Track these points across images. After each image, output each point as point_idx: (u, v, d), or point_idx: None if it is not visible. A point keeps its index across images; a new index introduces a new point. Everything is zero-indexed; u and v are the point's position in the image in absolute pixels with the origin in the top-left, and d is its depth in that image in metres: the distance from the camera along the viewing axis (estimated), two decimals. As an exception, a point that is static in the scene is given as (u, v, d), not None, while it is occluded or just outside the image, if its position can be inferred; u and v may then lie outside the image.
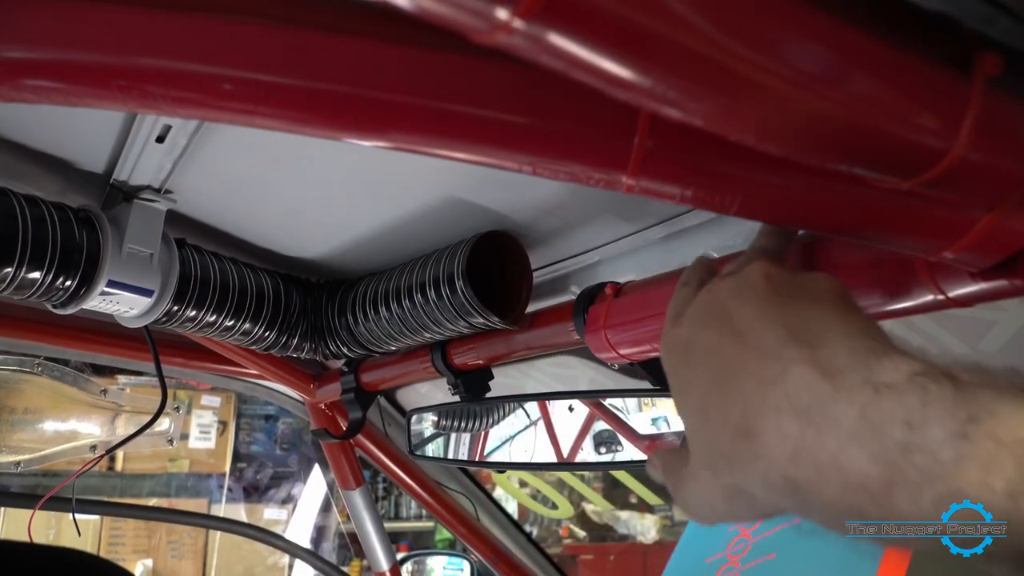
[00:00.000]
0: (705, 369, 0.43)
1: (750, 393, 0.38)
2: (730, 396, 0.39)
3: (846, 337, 0.37)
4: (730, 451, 0.39)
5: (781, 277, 0.44)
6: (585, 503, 4.81)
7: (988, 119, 0.37)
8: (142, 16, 0.44)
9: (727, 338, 0.42)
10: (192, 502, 4.20)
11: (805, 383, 0.36)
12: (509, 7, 0.28)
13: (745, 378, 0.39)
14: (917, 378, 0.33)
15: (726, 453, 0.39)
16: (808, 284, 0.43)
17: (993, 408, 0.30)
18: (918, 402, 0.32)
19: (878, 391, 0.33)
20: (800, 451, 0.35)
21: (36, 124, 0.87)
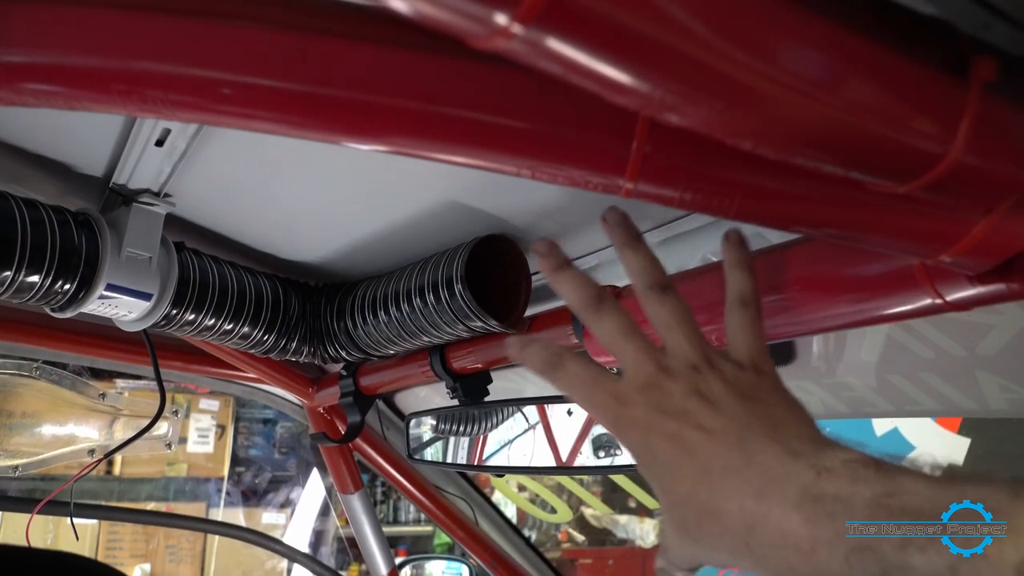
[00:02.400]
0: (669, 454, 0.49)
1: (716, 478, 0.47)
2: (694, 479, 0.48)
3: (799, 429, 0.48)
4: (697, 527, 0.48)
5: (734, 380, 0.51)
6: (584, 507, 4.81)
7: (984, 123, 0.37)
8: (141, 20, 0.45)
9: (690, 431, 0.49)
10: (190, 506, 4.19)
11: (766, 468, 0.45)
12: (508, 12, 0.28)
13: (710, 465, 0.47)
14: (851, 463, 0.43)
15: (693, 528, 0.48)
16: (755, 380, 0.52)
17: (906, 486, 0.40)
18: (847, 481, 0.42)
19: (819, 473, 0.43)
20: (755, 523, 0.44)
21: (36, 127, 0.87)
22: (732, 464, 0.46)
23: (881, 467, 0.42)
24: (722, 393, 0.50)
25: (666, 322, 0.54)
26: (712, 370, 0.51)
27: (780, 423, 0.48)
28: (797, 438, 0.47)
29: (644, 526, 4.86)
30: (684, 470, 0.48)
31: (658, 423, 0.50)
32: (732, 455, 0.47)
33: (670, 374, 0.51)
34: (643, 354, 0.53)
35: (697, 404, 0.49)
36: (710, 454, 0.47)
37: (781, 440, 0.46)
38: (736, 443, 0.47)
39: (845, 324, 0.64)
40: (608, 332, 0.55)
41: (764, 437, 0.47)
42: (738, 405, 0.49)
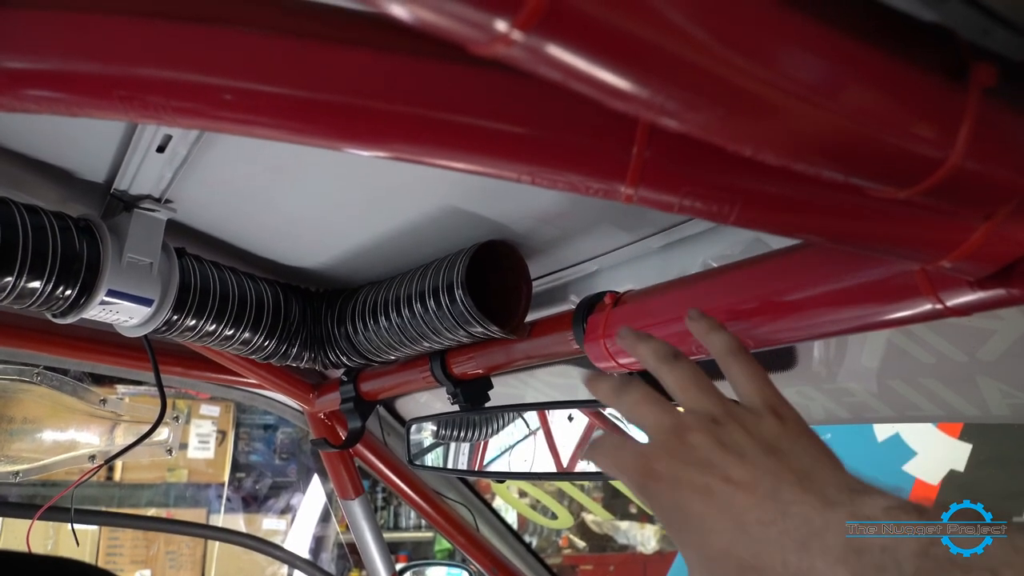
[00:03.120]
0: (698, 508, 0.48)
1: (753, 532, 0.45)
2: (730, 534, 0.46)
3: (832, 475, 0.46)
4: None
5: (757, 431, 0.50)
6: (585, 513, 4.80)
7: (984, 129, 0.37)
8: (143, 26, 0.45)
9: (718, 483, 0.48)
10: (191, 512, 4.18)
11: (803, 519, 0.44)
12: (508, 19, 0.28)
13: (745, 519, 0.46)
14: (892, 511, 0.42)
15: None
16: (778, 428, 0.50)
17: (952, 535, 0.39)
18: (893, 529, 0.41)
19: (862, 523, 0.42)
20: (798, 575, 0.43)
21: (37, 134, 0.88)
22: (767, 517, 0.45)
23: (924, 514, 0.41)
24: (746, 443, 0.49)
25: (681, 385, 0.55)
26: (732, 421, 0.51)
27: (811, 471, 0.47)
28: (832, 486, 0.45)
29: (645, 532, 4.85)
30: (717, 524, 0.47)
31: (684, 476, 0.49)
32: (766, 508, 0.45)
33: (691, 429, 0.51)
34: (665, 416, 0.53)
35: (722, 455, 0.49)
36: (743, 507, 0.46)
37: (815, 489, 0.45)
38: (769, 495, 0.46)
39: (846, 329, 0.64)
40: (630, 403, 0.56)
41: (796, 487, 0.46)
42: (763, 455, 0.48)
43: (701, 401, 0.53)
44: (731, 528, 0.46)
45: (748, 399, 0.53)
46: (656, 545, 4.80)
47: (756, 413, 0.52)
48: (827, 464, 0.48)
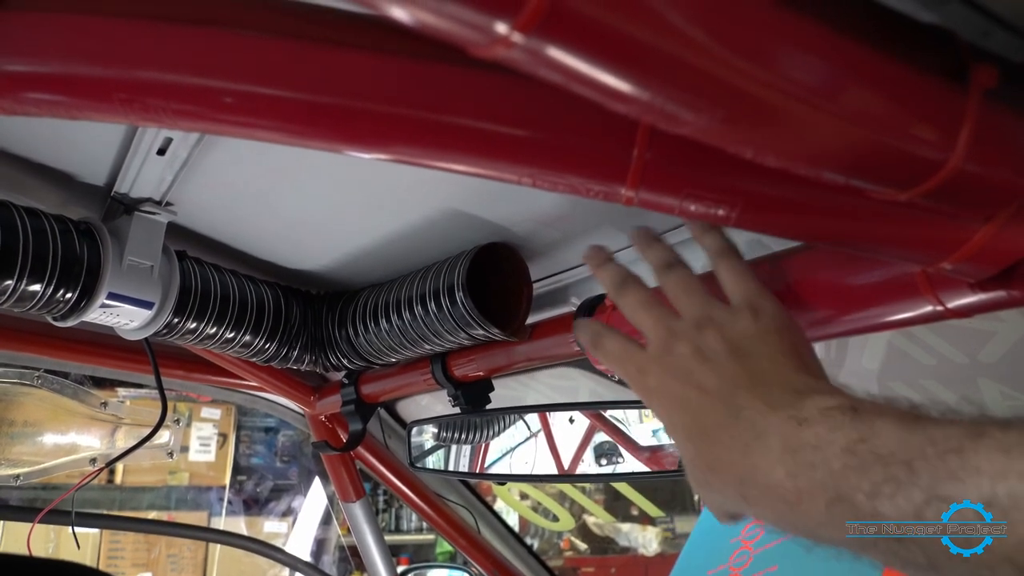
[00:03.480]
0: (678, 417, 0.54)
1: (711, 436, 0.50)
2: (698, 438, 0.51)
3: (785, 377, 0.50)
4: (706, 482, 0.51)
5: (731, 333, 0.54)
6: (586, 515, 4.79)
7: (985, 131, 0.37)
8: (143, 29, 0.45)
9: (691, 392, 0.53)
10: (192, 515, 4.18)
11: (750, 423, 0.47)
12: (508, 21, 0.28)
13: (706, 424, 0.51)
14: (828, 411, 0.44)
15: (703, 483, 0.52)
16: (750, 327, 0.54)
17: (877, 430, 0.41)
18: (825, 430, 0.43)
19: (799, 424, 0.45)
20: (745, 475, 0.47)
21: (38, 137, 0.88)
22: (722, 421, 0.50)
23: (859, 411, 0.43)
24: (719, 349, 0.53)
25: (674, 291, 0.59)
26: (712, 325, 0.55)
27: (766, 375, 0.50)
28: (780, 388, 0.49)
29: (647, 534, 4.85)
30: (691, 430, 0.52)
31: (668, 388, 0.55)
32: (723, 413, 0.50)
33: (678, 337, 0.55)
34: (658, 322, 0.57)
35: (698, 364, 0.53)
36: (707, 412, 0.51)
37: (763, 394, 0.49)
38: (726, 400, 0.50)
39: (846, 331, 0.64)
40: (631, 306, 0.60)
41: (749, 392, 0.49)
42: (730, 361, 0.52)
43: (689, 306, 0.57)
44: (699, 433, 0.51)
45: (732, 296, 0.57)
46: (657, 547, 4.80)
47: (735, 311, 0.55)
48: (785, 364, 0.51)
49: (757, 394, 0.49)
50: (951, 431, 0.39)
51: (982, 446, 0.37)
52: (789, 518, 0.45)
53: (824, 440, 0.43)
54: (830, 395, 0.46)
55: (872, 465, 0.40)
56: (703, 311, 0.56)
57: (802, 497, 0.43)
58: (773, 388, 0.49)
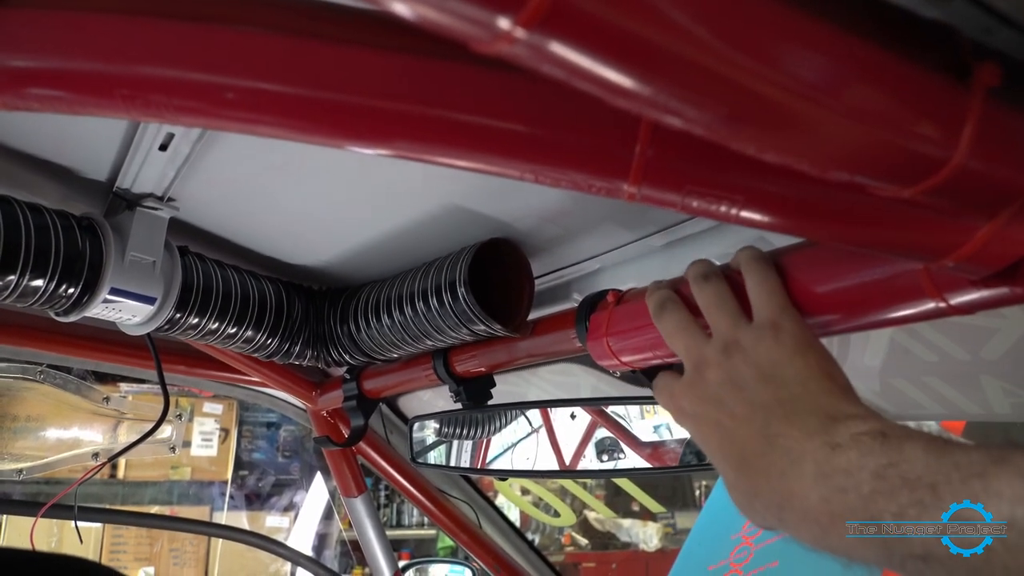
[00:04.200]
0: (715, 442, 0.56)
1: (750, 463, 0.52)
2: (737, 464, 0.54)
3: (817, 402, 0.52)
4: (748, 505, 0.54)
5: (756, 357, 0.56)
6: (587, 511, 4.80)
7: (988, 128, 0.37)
8: (145, 25, 0.45)
9: (725, 419, 0.55)
10: (194, 509, 4.19)
11: (785, 451, 0.50)
12: (511, 17, 0.28)
13: (744, 452, 0.53)
14: (859, 437, 0.46)
15: (746, 506, 0.54)
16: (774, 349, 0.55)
17: (906, 455, 0.43)
18: (856, 455, 0.45)
19: (832, 449, 0.47)
20: (782, 501, 0.49)
21: (40, 132, 0.88)
22: (758, 449, 0.52)
23: (888, 437, 0.45)
24: (747, 375, 0.55)
25: (706, 306, 0.61)
26: (739, 350, 0.56)
27: (797, 401, 0.52)
28: (812, 414, 0.51)
29: (647, 530, 4.86)
30: (728, 455, 0.55)
31: (702, 412, 0.58)
32: (759, 441, 0.52)
33: (708, 364, 0.58)
34: (691, 348, 0.60)
35: (729, 392, 0.56)
36: (742, 440, 0.53)
37: (798, 421, 0.51)
38: (760, 429, 0.52)
39: (849, 328, 0.64)
40: (668, 330, 0.63)
41: (782, 420, 0.51)
42: (760, 387, 0.54)
43: (719, 324, 0.59)
44: (738, 459, 0.54)
45: (757, 312, 0.59)
46: (658, 543, 4.81)
47: (758, 334, 0.57)
48: (816, 388, 0.53)
49: (791, 421, 0.51)
50: (975, 456, 0.40)
51: (1004, 472, 0.38)
52: (824, 540, 0.47)
53: (855, 465, 0.45)
54: (862, 420, 0.48)
55: (900, 489, 0.42)
56: (730, 333, 0.58)
57: (835, 521, 0.45)
58: (806, 414, 0.51)
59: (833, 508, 0.45)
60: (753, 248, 0.62)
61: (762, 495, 0.51)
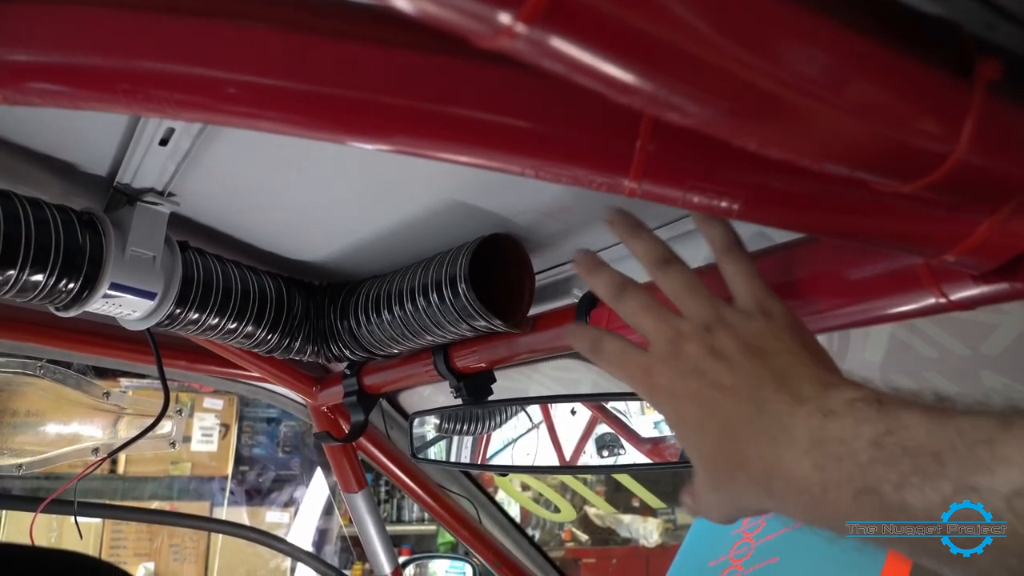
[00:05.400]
0: (694, 414, 0.53)
1: (736, 431, 0.50)
2: (718, 434, 0.51)
3: (808, 371, 0.49)
4: (728, 478, 0.51)
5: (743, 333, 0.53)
6: (587, 506, 4.81)
7: (989, 123, 0.37)
8: (146, 20, 0.45)
9: (708, 390, 0.52)
10: (194, 505, 4.19)
11: (775, 416, 0.47)
12: (512, 11, 0.28)
13: (730, 420, 0.50)
14: (854, 403, 0.44)
15: (724, 479, 0.51)
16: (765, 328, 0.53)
17: (904, 421, 0.41)
18: (852, 422, 0.43)
19: (825, 416, 0.45)
20: (771, 468, 0.47)
21: (40, 127, 0.88)
22: (745, 416, 0.49)
23: (884, 404, 0.43)
24: (733, 349, 0.52)
25: (675, 291, 0.58)
26: (723, 326, 0.54)
27: (788, 369, 0.50)
28: (806, 381, 0.49)
29: (648, 525, 4.86)
30: (709, 426, 0.51)
31: (680, 386, 0.54)
32: (747, 408, 0.49)
33: (686, 338, 0.54)
34: (662, 323, 0.57)
35: (712, 363, 0.52)
36: (729, 409, 0.50)
37: (789, 387, 0.49)
38: (749, 396, 0.50)
39: (849, 323, 0.64)
40: (631, 311, 0.59)
41: (773, 386, 0.49)
42: (748, 359, 0.52)
43: (694, 307, 0.56)
44: (719, 429, 0.51)
45: (740, 298, 0.57)
46: (658, 539, 4.81)
47: (746, 313, 0.55)
48: (807, 360, 0.51)
49: (781, 387, 0.49)
50: (980, 422, 0.39)
51: (1012, 436, 0.37)
52: (815, 511, 0.45)
53: (851, 432, 0.43)
54: (854, 388, 0.46)
55: (900, 457, 0.40)
56: (711, 312, 0.55)
57: (828, 489, 0.43)
58: (797, 381, 0.49)
59: (827, 476, 0.43)
60: (723, 228, 0.60)
61: (748, 465, 0.48)
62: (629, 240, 0.63)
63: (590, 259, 0.65)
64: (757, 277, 0.57)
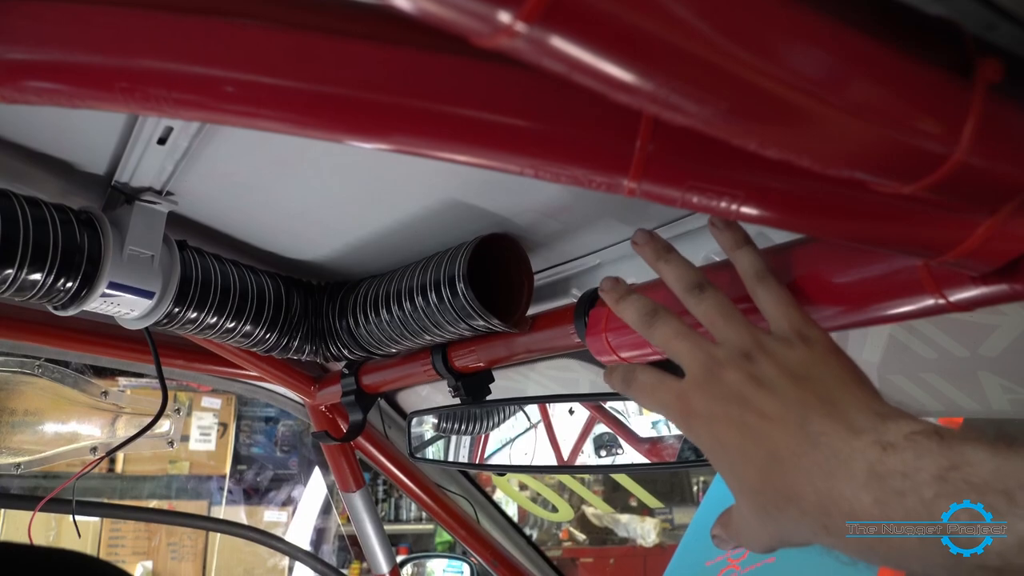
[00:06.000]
0: (736, 441, 0.50)
1: (787, 463, 0.47)
2: (765, 466, 0.48)
3: (859, 400, 0.48)
4: (778, 511, 0.48)
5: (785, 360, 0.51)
6: (585, 506, 4.81)
7: (989, 124, 0.37)
8: (144, 18, 0.45)
9: (751, 417, 0.50)
10: (192, 504, 4.19)
11: (830, 448, 0.45)
12: (511, 10, 0.28)
13: (778, 452, 0.48)
14: (914, 436, 0.42)
15: (774, 512, 0.48)
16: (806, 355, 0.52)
17: (969, 457, 0.39)
18: (912, 456, 0.41)
19: (884, 449, 0.43)
20: (829, 505, 0.44)
21: (38, 126, 0.88)
22: (796, 448, 0.47)
23: (944, 438, 0.41)
24: (775, 376, 0.50)
25: (710, 318, 0.56)
26: (763, 354, 0.52)
27: (838, 399, 0.48)
28: (858, 412, 0.47)
29: (645, 525, 4.87)
30: (753, 456, 0.49)
31: (719, 411, 0.51)
32: (797, 439, 0.47)
33: (724, 365, 0.52)
34: (697, 350, 0.55)
35: (754, 390, 0.50)
36: (776, 440, 0.48)
37: (842, 418, 0.46)
38: (798, 427, 0.47)
39: (848, 324, 0.64)
40: (664, 337, 0.57)
41: (824, 417, 0.47)
42: (792, 386, 0.50)
43: (731, 335, 0.54)
44: (766, 460, 0.48)
45: (776, 325, 0.55)
46: (656, 538, 4.81)
47: (785, 340, 0.53)
48: (854, 387, 0.49)
49: (832, 416, 0.47)
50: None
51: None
52: (877, 547, 0.42)
53: (912, 467, 0.41)
54: (911, 420, 0.45)
55: (966, 494, 0.38)
56: (749, 339, 0.53)
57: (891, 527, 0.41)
58: (848, 410, 0.47)
59: (889, 512, 0.41)
60: (753, 255, 0.59)
61: (801, 499, 0.46)
62: (658, 265, 0.62)
63: (618, 287, 0.64)
64: (793, 303, 0.56)
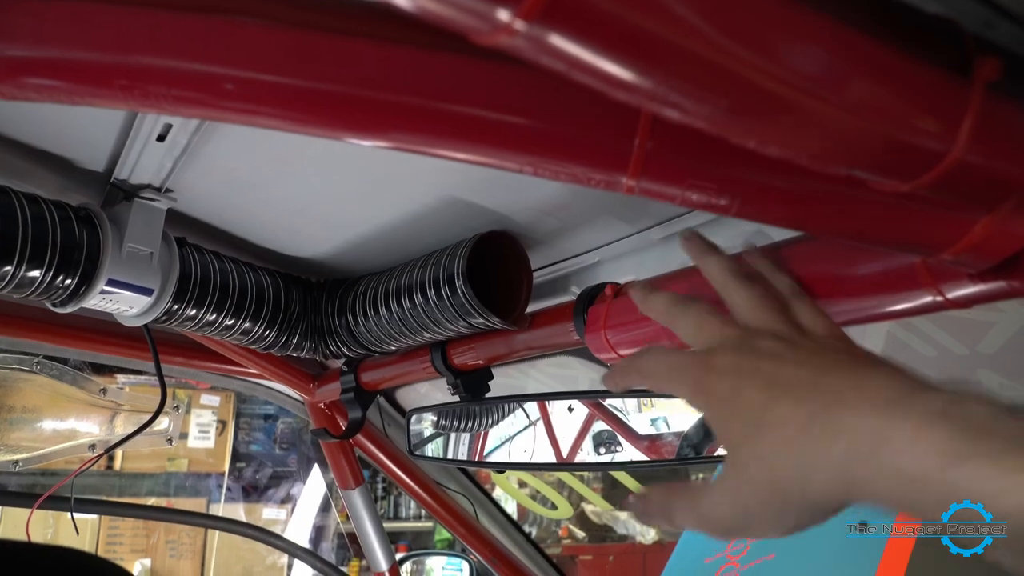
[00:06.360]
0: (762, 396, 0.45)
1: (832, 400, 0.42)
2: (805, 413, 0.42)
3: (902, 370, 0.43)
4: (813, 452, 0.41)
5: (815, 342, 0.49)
6: (584, 503, 4.81)
7: (987, 122, 0.37)
8: (144, 16, 0.45)
9: (787, 368, 0.45)
10: (191, 501, 4.19)
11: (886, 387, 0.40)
12: (511, 9, 0.28)
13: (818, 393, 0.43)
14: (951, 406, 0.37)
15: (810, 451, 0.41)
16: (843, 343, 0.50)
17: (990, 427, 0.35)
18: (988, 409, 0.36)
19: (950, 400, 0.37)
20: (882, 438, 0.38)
21: (37, 122, 0.87)
22: (846, 386, 0.42)
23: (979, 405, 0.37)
24: (812, 349, 0.47)
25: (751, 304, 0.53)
26: (803, 338, 0.49)
27: (877, 362, 0.45)
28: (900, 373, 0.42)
29: (644, 523, 4.86)
30: (785, 408, 0.43)
31: (748, 367, 0.47)
32: (843, 379, 0.42)
33: (761, 336, 0.49)
34: (727, 328, 0.51)
35: (791, 349, 0.47)
36: (815, 383, 0.43)
37: (885, 373, 0.42)
38: (849, 369, 0.43)
39: (846, 322, 0.64)
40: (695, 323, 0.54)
41: (875, 365, 0.44)
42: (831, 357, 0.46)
43: (772, 321, 0.51)
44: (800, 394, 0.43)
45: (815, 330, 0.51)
46: (655, 535, 4.82)
47: (823, 339, 0.50)
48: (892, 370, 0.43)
49: (879, 371, 0.43)
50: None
51: None
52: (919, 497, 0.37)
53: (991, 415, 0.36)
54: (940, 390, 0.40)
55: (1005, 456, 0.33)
56: (791, 329, 0.50)
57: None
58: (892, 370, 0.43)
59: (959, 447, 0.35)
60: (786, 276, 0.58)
61: (852, 433, 0.39)
62: (701, 259, 0.59)
63: (644, 285, 0.62)
64: (823, 313, 0.54)
